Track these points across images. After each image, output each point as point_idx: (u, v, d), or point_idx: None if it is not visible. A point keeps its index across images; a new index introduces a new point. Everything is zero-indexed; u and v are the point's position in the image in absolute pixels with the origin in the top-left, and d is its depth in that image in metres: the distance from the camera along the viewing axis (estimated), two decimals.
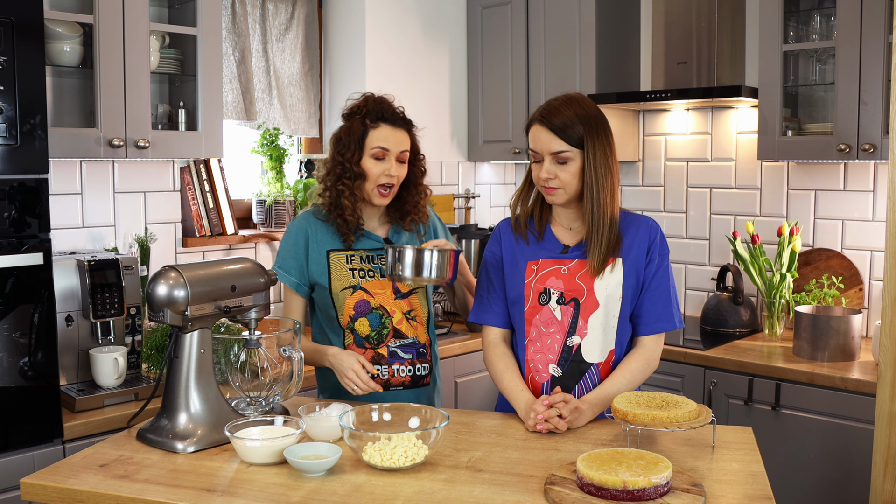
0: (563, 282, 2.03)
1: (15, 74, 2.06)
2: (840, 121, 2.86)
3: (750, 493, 1.59)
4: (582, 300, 2.01)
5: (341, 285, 2.21)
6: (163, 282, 1.86)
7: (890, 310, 2.15)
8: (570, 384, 2.03)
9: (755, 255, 3.19)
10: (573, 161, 1.96)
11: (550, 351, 2.04)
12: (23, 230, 2.11)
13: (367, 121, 2.19)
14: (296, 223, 2.26)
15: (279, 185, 3.40)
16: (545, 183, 1.98)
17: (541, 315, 2.04)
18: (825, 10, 3.03)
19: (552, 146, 1.96)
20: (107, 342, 2.47)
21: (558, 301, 2.03)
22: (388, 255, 2.09)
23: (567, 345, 2.03)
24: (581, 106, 1.98)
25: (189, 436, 1.84)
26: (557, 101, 2.00)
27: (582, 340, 2.02)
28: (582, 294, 2.01)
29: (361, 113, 2.20)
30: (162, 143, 2.69)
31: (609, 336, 2.03)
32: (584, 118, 1.96)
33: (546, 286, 2.04)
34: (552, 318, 2.03)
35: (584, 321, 2.02)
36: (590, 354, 2.03)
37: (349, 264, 2.23)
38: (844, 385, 2.64)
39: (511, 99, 3.77)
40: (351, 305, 2.22)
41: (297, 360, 2.03)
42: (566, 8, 3.55)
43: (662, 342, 2.08)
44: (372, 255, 2.25)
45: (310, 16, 3.61)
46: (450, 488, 1.60)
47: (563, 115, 1.96)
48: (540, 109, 2.00)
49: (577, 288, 2.02)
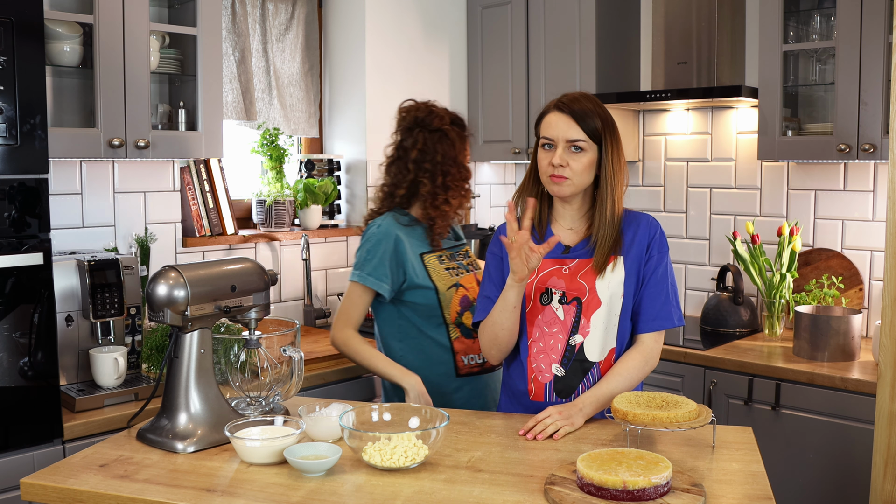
0: (565, 281, 2.02)
1: (15, 74, 2.06)
2: (840, 121, 2.86)
3: (750, 493, 1.59)
4: (584, 299, 2.01)
5: (446, 285, 2.39)
6: (163, 282, 1.86)
7: (890, 310, 2.15)
8: (574, 383, 2.03)
9: (755, 255, 3.19)
10: (586, 153, 1.97)
11: (553, 351, 2.04)
12: (23, 230, 2.11)
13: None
14: (383, 230, 2.37)
15: (279, 185, 3.40)
16: (555, 171, 1.96)
17: (543, 315, 2.04)
18: (825, 10, 3.03)
19: (570, 133, 1.96)
20: (107, 342, 2.47)
21: (560, 301, 2.03)
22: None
23: (570, 344, 2.03)
24: (597, 103, 2.02)
25: (189, 436, 1.84)
26: (575, 93, 2.03)
27: (584, 339, 2.02)
28: (584, 293, 2.01)
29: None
30: (162, 143, 2.69)
31: (610, 334, 2.03)
32: (602, 115, 2.00)
33: (548, 286, 2.04)
34: (555, 317, 2.03)
35: (586, 320, 2.02)
36: (591, 353, 2.03)
37: (442, 264, 2.42)
38: (844, 385, 2.64)
39: (511, 99, 3.77)
40: (457, 302, 2.40)
41: (297, 360, 2.03)
42: (566, 8, 3.55)
43: (662, 340, 2.07)
44: (453, 253, 2.49)
45: (310, 16, 3.61)
46: (450, 488, 1.60)
47: (583, 105, 1.99)
48: (559, 98, 2.03)
49: (580, 287, 2.02)
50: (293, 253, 3.44)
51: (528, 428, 1.90)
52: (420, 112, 2.43)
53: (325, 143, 3.78)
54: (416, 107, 2.46)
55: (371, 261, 2.35)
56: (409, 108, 2.47)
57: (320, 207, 3.50)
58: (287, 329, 2.10)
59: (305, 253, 3.39)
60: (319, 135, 3.74)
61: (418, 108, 2.44)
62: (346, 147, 3.71)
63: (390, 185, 2.46)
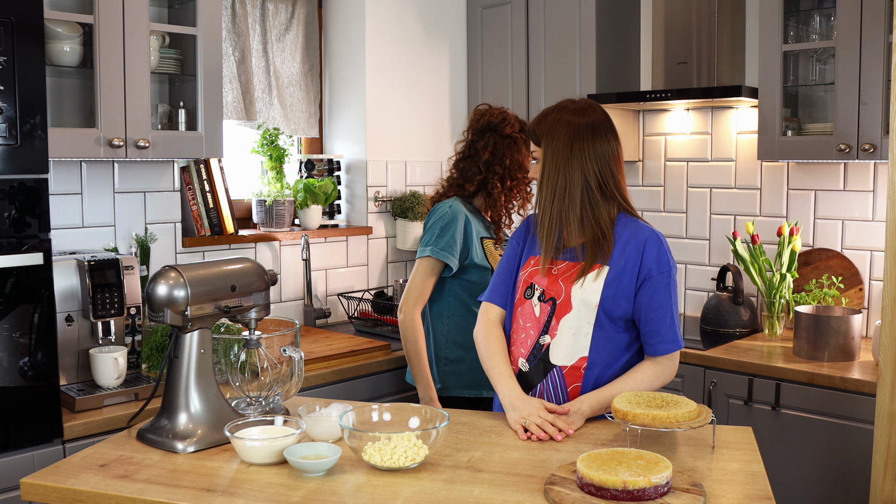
0: (548, 280, 2.03)
1: (15, 74, 2.06)
2: (840, 121, 2.86)
3: (750, 493, 1.59)
4: (559, 301, 2.01)
5: None
6: (163, 282, 1.86)
7: (890, 310, 2.15)
8: (534, 381, 2.04)
9: (755, 255, 3.19)
10: (539, 161, 2.06)
11: (523, 345, 2.06)
12: (23, 230, 2.11)
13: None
14: (455, 209, 2.57)
15: (279, 185, 3.40)
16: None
17: (523, 308, 2.07)
18: (825, 10, 3.03)
19: (535, 152, 2.10)
20: (107, 342, 2.47)
21: (539, 298, 2.04)
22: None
23: (539, 342, 2.03)
24: (558, 111, 2.05)
25: (189, 436, 1.84)
26: (541, 112, 2.11)
27: (552, 341, 2.01)
28: (560, 295, 2.01)
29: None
30: (162, 143, 2.69)
31: (580, 342, 1.99)
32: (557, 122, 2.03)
33: (533, 281, 2.06)
34: (531, 313, 2.05)
35: (556, 321, 2.01)
36: (556, 356, 2.01)
37: (497, 250, 2.63)
38: (844, 385, 2.64)
39: (511, 99, 3.77)
40: None
41: (297, 360, 2.03)
42: (566, 8, 3.55)
43: (677, 359, 2.04)
44: (505, 242, 2.65)
45: (310, 16, 3.61)
46: (450, 488, 1.60)
47: (544, 116, 2.06)
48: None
49: (557, 288, 2.01)
50: (293, 253, 3.44)
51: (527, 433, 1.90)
52: (494, 117, 2.63)
53: (325, 143, 3.78)
54: (490, 111, 2.65)
55: (444, 237, 2.53)
56: (483, 112, 2.66)
57: (320, 207, 3.50)
58: (287, 329, 2.10)
59: (305, 253, 3.39)
60: (319, 135, 3.74)
61: (492, 114, 2.64)
62: (346, 147, 3.71)
63: (459, 178, 2.66)
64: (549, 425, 1.88)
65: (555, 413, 1.92)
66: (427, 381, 2.54)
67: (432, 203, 2.68)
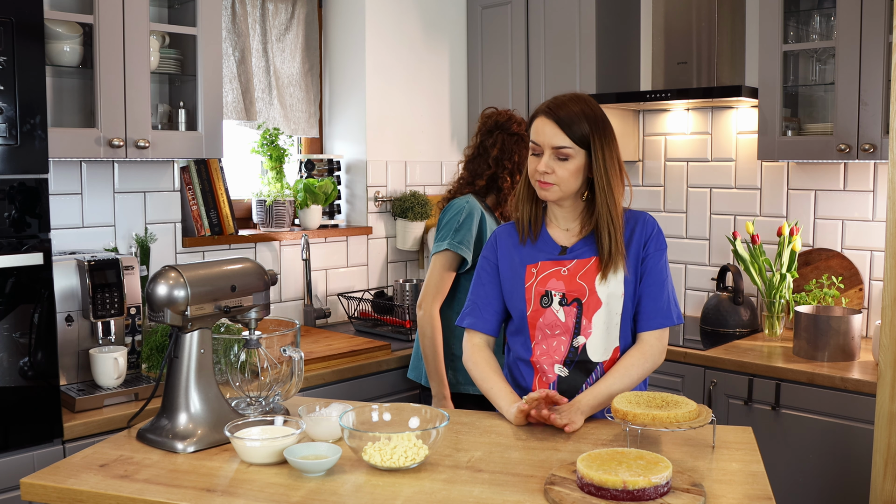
0: (565, 283, 2.02)
1: (15, 74, 2.06)
2: (840, 121, 2.86)
3: (750, 493, 1.59)
4: (584, 300, 2.01)
5: None
6: (163, 282, 1.86)
7: (890, 310, 2.15)
8: (577, 383, 2.03)
9: (755, 255, 3.19)
10: (573, 159, 1.96)
11: (556, 352, 2.04)
12: (23, 230, 2.11)
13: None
14: (471, 205, 2.58)
15: (279, 185, 3.40)
16: (541, 177, 1.97)
17: (544, 318, 2.04)
18: (825, 10, 3.03)
19: (555, 140, 1.95)
20: (107, 342, 2.47)
21: (560, 303, 2.02)
22: None
23: (573, 345, 2.02)
24: (588, 105, 1.99)
25: (189, 436, 1.84)
26: (565, 96, 2.00)
27: (587, 340, 2.02)
28: (584, 294, 2.01)
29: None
30: (162, 143, 2.69)
31: (612, 334, 2.03)
32: (591, 117, 1.96)
33: (547, 288, 2.03)
34: (556, 320, 2.03)
35: (587, 321, 2.01)
36: (594, 353, 2.03)
37: None
38: (844, 385, 2.64)
39: (511, 99, 3.77)
40: None
41: (297, 360, 2.03)
42: (566, 8, 3.55)
43: (666, 338, 2.06)
44: None
45: (310, 16, 3.61)
46: (450, 488, 1.60)
47: (570, 110, 1.96)
48: (546, 103, 2.00)
49: (579, 288, 2.01)
50: (293, 253, 3.44)
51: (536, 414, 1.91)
52: (501, 118, 2.68)
53: (325, 143, 3.78)
54: (497, 113, 2.71)
55: (460, 231, 2.56)
56: (490, 114, 2.72)
57: (320, 207, 3.50)
58: (287, 329, 2.10)
59: (305, 253, 3.39)
60: (319, 135, 3.74)
61: (499, 114, 2.70)
62: (346, 147, 3.71)
63: (469, 175, 2.69)
64: (545, 409, 1.90)
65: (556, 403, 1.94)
66: (441, 379, 2.55)
67: (446, 200, 2.71)
